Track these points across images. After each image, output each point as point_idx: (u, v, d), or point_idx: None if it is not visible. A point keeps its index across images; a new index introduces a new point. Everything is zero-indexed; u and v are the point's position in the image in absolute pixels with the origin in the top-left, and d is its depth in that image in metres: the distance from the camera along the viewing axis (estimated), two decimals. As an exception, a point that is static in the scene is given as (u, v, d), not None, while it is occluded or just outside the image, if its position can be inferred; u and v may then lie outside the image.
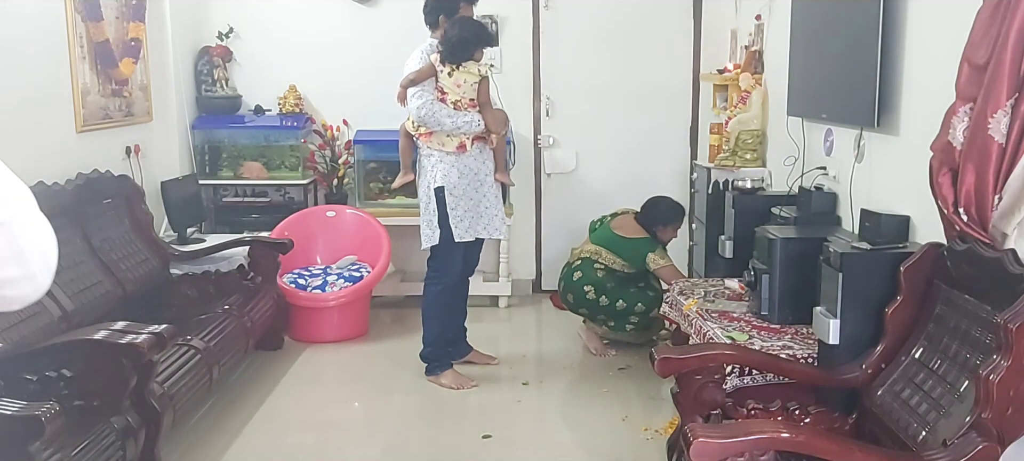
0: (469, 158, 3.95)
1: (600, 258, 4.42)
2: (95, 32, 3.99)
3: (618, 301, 4.33)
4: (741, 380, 2.72)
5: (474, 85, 3.90)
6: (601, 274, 4.37)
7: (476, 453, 3.39)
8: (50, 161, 3.59)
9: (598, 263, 4.40)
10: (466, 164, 3.95)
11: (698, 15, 5.47)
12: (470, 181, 3.97)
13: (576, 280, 4.41)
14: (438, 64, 3.88)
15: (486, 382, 4.13)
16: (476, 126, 3.90)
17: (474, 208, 4.00)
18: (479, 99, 3.93)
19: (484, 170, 4.02)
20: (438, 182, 3.92)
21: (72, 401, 2.66)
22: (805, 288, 2.90)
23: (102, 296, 3.51)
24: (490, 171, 4.05)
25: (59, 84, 3.78)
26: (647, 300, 4.34)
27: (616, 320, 4.39)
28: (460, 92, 3.89)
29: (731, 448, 1.87)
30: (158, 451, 2.88)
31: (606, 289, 4.34)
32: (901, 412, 2.31)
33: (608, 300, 4.33)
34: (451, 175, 3.92)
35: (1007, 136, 2.12)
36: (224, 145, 5.35)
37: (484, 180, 4.02)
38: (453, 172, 3.92)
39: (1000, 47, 2.11)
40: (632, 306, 4.34)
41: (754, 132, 4.59)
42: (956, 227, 2.29)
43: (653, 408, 3.71)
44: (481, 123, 3.92)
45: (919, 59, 2.90)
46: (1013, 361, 1.87)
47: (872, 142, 3.24)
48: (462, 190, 3.94)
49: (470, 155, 3.95)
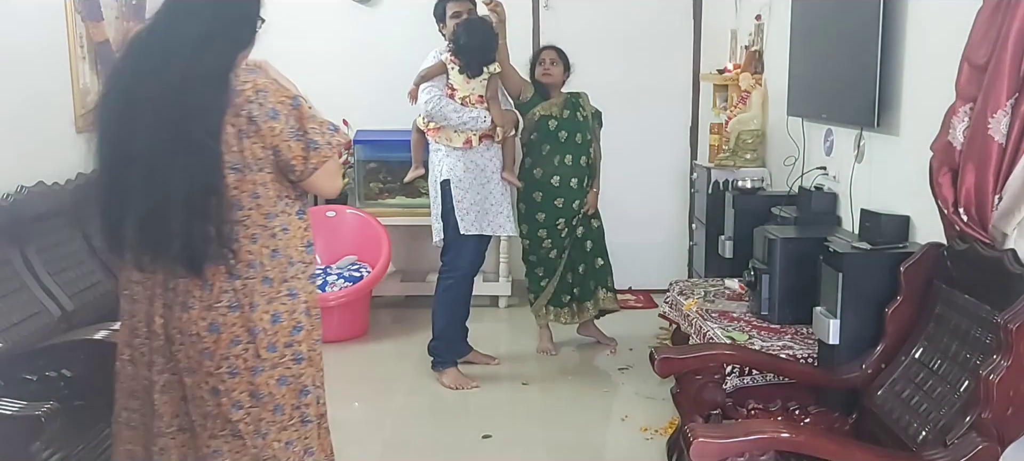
0: (475, 154, 3.98)
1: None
2: (95, 32, 3.99)
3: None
4: (741, 380, 2.73)
5: (483, 82, 3.95)
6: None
7: (476, 453, 3.39)
8: (50, 161, 3.59)
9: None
10: (472, 159, 3.98)
11: (698, 15, 5.47)
12: (476, 176, 3.99)
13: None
14: (449, 61, 3.94)
15: (486, 382, 4.13)
16: (482, 122, 3.93)
17: (480, 203, 4.02)
18: (487, 95, 3.96)
19: (491, 167, 4.04)
20: (444, 176, 3.99)
21: (72, 401, 2.65)
22: (805, 288, 2.90)
23: (102, 296, 3.50)
24: (497, 168, 4.06)
25: (59, 84, 3.78)
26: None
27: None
28: (469, 88, 3.94)
29: (731, 448, 1.87)
30: (158, 451, 2.87)
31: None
32: (901, 412, 2.31)
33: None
34: (457, 169, 3.96)
35: (1007, 136, 2.12)
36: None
37: (491, 177, 4.04)
38: (458, 166, 3.96)
39: (1000, 47, 2.11)
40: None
41: (754, 132, 4.59)
42: (956, 227, 2.29)
43: (653, 408, 3.71)
44: (487, 119, 3.94)
45: (919, 59, 2.90)
46: (1013, 361, 1.87)
47: (872, 142, 3.24)
48: (468, 184, 3.97)
49: (476, 151, 3.98)
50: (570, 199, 4.29)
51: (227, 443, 1.94)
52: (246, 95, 1.87)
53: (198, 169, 1.84)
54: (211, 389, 1.92)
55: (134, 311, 1.98)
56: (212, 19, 1.90)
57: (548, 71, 4.31)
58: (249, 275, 1.92)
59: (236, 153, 1.87)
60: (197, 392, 1.92)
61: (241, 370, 1.92)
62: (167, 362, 1.94)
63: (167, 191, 1.84)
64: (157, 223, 1.86)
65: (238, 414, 1.93)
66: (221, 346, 1.90)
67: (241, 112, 1.86)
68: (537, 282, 4.47)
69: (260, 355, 1.93)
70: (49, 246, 3.33)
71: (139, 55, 1.94)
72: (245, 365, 1.92)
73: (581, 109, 4.35)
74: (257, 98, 1.88)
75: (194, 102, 1.84)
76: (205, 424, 1.94)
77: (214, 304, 1.89)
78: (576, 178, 4.28)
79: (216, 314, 1.90)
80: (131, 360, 2.00)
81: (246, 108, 1.87)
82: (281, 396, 1.96)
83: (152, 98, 1.86)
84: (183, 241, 1.85)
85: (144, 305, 1.96)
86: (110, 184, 1.94)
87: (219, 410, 1.93)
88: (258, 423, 1.94)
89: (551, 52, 4.39)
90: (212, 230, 1.86)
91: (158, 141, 1.85)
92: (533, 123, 4.25)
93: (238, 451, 1.94)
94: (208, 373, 1.91)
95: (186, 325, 1.90)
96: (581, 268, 4.45)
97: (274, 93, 1.90)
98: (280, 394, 1.96)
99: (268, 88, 1.90)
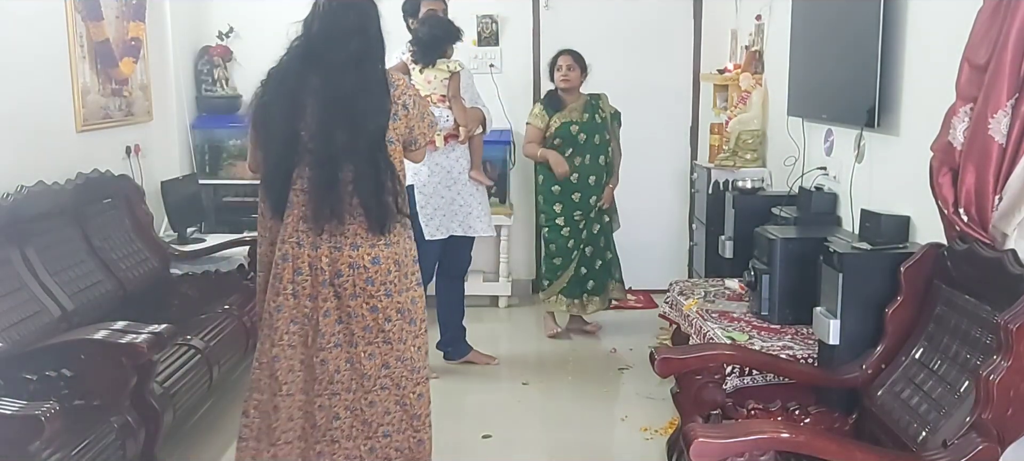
0: (440, 155, 3.97)
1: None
2: (95, 31, 3.99)
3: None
4: (741, 380, 2.72)
5: (444, 81, 3.92)
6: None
7: (476, 453, 3.39)
8: (50, 160, 3.59)
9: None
10: (436, 161, 3.97)
11: (698, 15, 5.47)
12: (441, 178, 4.00)
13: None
14: (409, 62, 3.92)
15: (486, 382, 4.13)
16: (445, 121, 3.92)
17: (447, 206, 4.04)
18: (449, 94, 3.95)
19: (458, 168, 4.05)
20: (408, 180, 3.94)
21: (72, 401, 2.66)
22: (805, 288, 2.90)
23: (102, 296, 3.51)
24: (464, 168, 4.07)
25: (59, 83, 3.78)
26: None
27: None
28: (430, 88, 3.92)
29: (731, 448, 1.87)
30: (158, 451, 2.88)
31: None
32: (901, 412, 2.31)
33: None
34: (421, 172, 3.94)
35: (1007, 136, 2.12)
36: (224, 145, 5.35)
37: (458, 177, 4.05)
38: (423, 170, 3.93)
39: (1000, 47, 2.11)
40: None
41: (754, 132, 4.59)
42: (956, 227, 2.29)
43: (653, 408, 3.71)
44: (449, 119, 3.94)
45: (919, 59, 2.90)
46: (1013, 361, 1.87)
47: (872, 142, 3.24)
48: (433, 187, 3.98)
49: (441, 152, 3.97)
50: (587, 194, 4.56)
51: (379, 348, 2.59)
52: (401, 89, 2.60)
53: (380, 154, 2.52)
54: (371, 307, 2.57)
55: (298, 254, 2.55)
56: (365, 39, 2.53)
57: (566, 77, 4.45)
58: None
59: (391, 131, 2.55)
60: (360, 310, 2.56)
61: (393, 292, 2.58)
62: (331, 292, 2.54)
63: (359, 173, 2.48)
64: (340, 202, 2.48)
65: (388, 325, 2.58)
66: (380, 274, 2.55)
67: (396, 101, 2.56)
68: (553, 270, 4.63)
69: (403, 281, 2.60)
70: (49, 245, 3.33)
71: (301, 68, 2.53)
72: (395, 288, 2.59)
73: (600, 110, 4.56)
74: (408, 92, 2.62)
75: (370, 103, 2.50)
76: (364, 335, 2.57)
77: (376, 243, 2.55)
78: (594, 176, 4.54)
79: (377, 251, 2.55)
80: (293, 294, 2.57)
81: (401, 99, 2.57)
82: (416, 311, 2.65)
83: (327, 102, 2.47)
84: (376, 212, 2.51)
85: (308, 249, 2.54)
86: (277, 165, 2.55)
87: (376, 323, 2.57)
88: (401, 332, 2.60)
89: (567, 57, 4.46)
90: (391, 201, 2.53)
91: (334, 134, 2.47)
92: (554, 131, 4.45)
93: (386, 354, 2.59)
94: (370, 295, 2.55)
95: (356, 260, 2.53)
96: (598, 264, 4.64)
97: (410, 88, 2.66)
98: (415, 310, 2.64)
99: (407, 85, 2.66)
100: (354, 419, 2.59)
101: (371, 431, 2.61)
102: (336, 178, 2.46)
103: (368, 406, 2.59)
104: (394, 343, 2.59)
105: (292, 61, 2.56)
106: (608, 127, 4.56)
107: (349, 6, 2.52)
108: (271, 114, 2.55)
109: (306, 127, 2.48)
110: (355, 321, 2.56)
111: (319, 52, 2.50)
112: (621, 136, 4.72)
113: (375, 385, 2.59)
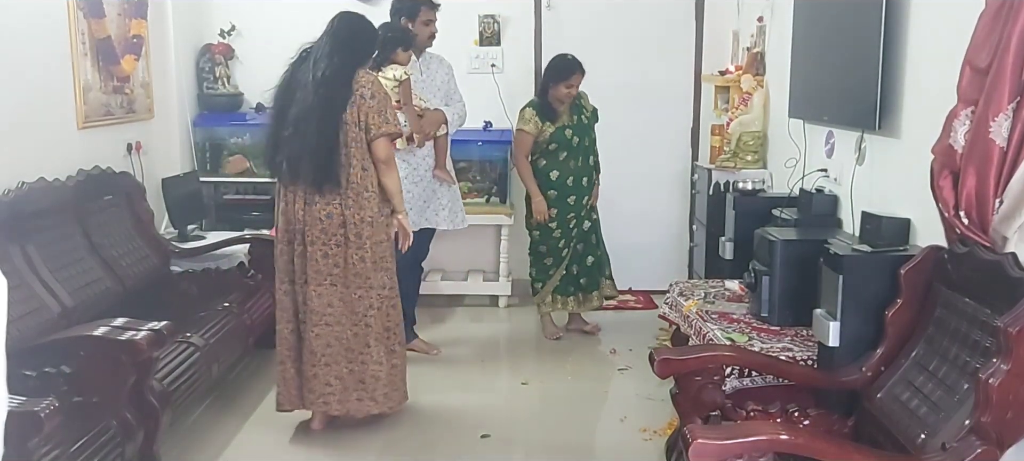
0: (406, 154, 4.19)
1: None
2: (97, 29, 3.99)
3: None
4: (741, 381, 2.72)
5: (395, 89, 4.04)
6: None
7: (475, 453, 3.39)
8: (51, 157, 3.59)
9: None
10: (404, 159, 4.14)
11: (700, 16, 5.46)
12: (408, 174, 4.18)
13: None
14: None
15: (486, 382, 4.13)
16: (404, 126, 4.05)
17: (415, 200, 4.23)
18: (401, 101, 4.08)
19: (425, 166, 4.28)
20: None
21: (71, 398, 2.66)
22: (805, 290, 2.89)
23: (102, 293, 3.51)
24: (429, 168, 4.31)
25: (61, 81, 3.78)
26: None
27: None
28: (394, 94, 4.04)
29: (730, 449, 1.88)
30: (157, 448, 2.88)
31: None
32: (900, 415, 2.30)
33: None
34: (401, 168, 3.99)
35: (1008, 140, 2.12)
36: (225, 143, 5.35)
37: (425, 175, 4.29)
38: (403, 167, 4.05)
39: (1002, 51, 2.11)
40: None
41: (755, 134, 4.59)
42: (957, 230, 2.29)
43: (652, 409, 3.71)
44: (404, 125, 4.07)
45: (921, 62, 2.90)
46: (1013, 365, 1.87)
47: (873, 144, 3.24)
48: (406, 185, 4.09)
49: (408, 151, 4.19)
50: (580, 195, 4.58)
51: (327, 288, 3.30)
52: (362, 83, 3.24)
53: (330, 132, 3.20)
54: (323, 253, 3.27)
55: (286, 209, 3.31)
56: (342, 51, 3.26)
57: (570, 94, 4.46)
58: (348, 189, 3.25)
59: (348, 114, 3.21)
60: (315, 254, 3.27)
61: (342, 243, 3.27)
62: (301, 239, 3.27)
63: (310, 145, 3.19)
64: (300, 162, 3.21)
65: (335, 271, 3.28)
66: (332, 226, 3.25)
67: (355, 91, 3.21)
68: (545, 271, 4.66)
69: (349, 236, 3.26)
70: (49, 242, 3.34)
71: (296, 68, 3.31)
72: (344, 239, 3.27)
73: (584, 110, 4.59)
74: (368, 85, 3.25)
75: (333, 93, 3.20)
76: (315, 276, 3.28)
77: (330, 201, 3.24)
78: (586, 177, 4.58)
79: (331, 208, 3.25)
80: (287, 241, 3.33)
81: (359, 89, 3.22)
82: (359, 263, 3.29)
83: (305, 92, 3.21)
84: (313, 175, 3.21)
85: (291, 203, 3.29)
86: (271, 135, 3.32)
87: (327, 266, 3.27)
88: (346, 277, 3.29)
89: (580, 76, 4.46)
90: (331, 168, 3.22)
91: (306, 116, 3.20)
92: (550, 136, 4.48)
93: (332, 293, 3.30)
94: (322, 243, 3.27)
95: (317, 212, 3.25)
96: (589, 260, 4.65)
97: (373, 83, 3.28)
98: (360, 265, 3.30)
99: (370, 80, 3.29)
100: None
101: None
102: (308, 150, 3.19)
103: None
104: (338, 286, 3.29)
105: (298, 63, 3.36)
106: (592, 125, 4.62)
107: (343, 16, 3.37)
108: (273, 101, 3.39)
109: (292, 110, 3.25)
110: (310, 263, 3.28)
111: (317, 52, 3.29)
112: (618, 137, 4.75)
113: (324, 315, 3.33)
